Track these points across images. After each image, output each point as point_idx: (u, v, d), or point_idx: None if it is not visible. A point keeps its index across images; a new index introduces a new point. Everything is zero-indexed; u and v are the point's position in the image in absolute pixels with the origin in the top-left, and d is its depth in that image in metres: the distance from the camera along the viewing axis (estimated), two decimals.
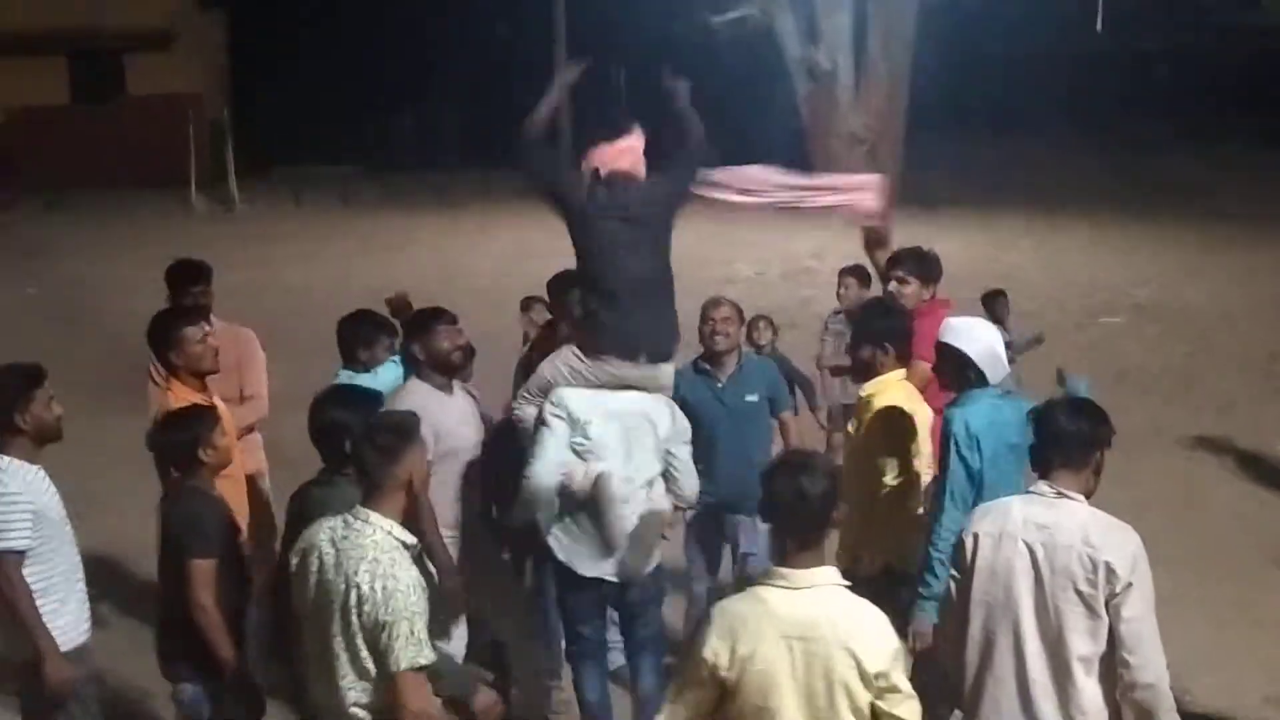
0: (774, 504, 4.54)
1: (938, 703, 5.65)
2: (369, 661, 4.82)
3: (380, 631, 4.73)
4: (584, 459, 6.38)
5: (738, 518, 7.28)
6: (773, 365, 8.42)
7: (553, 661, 7.23)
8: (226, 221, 21.84)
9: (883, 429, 6.25)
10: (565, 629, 6.83)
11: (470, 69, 26.43)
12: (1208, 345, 14.64)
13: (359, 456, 5.02)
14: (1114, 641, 4.70)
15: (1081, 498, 4.80)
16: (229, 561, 5.74)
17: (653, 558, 6.64)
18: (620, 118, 6.91)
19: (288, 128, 25.29)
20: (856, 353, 6.57)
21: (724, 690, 4.46)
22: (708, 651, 4.44)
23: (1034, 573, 4.80)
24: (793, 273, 16.66)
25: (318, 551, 4.87)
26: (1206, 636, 7.86)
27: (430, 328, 6.71)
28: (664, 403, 6.52)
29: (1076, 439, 4.86)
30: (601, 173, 6.63)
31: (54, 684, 5.47)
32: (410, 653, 4.74)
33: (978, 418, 5.81)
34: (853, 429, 6.65)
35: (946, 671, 5.28)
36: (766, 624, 4.43)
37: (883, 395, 6.34)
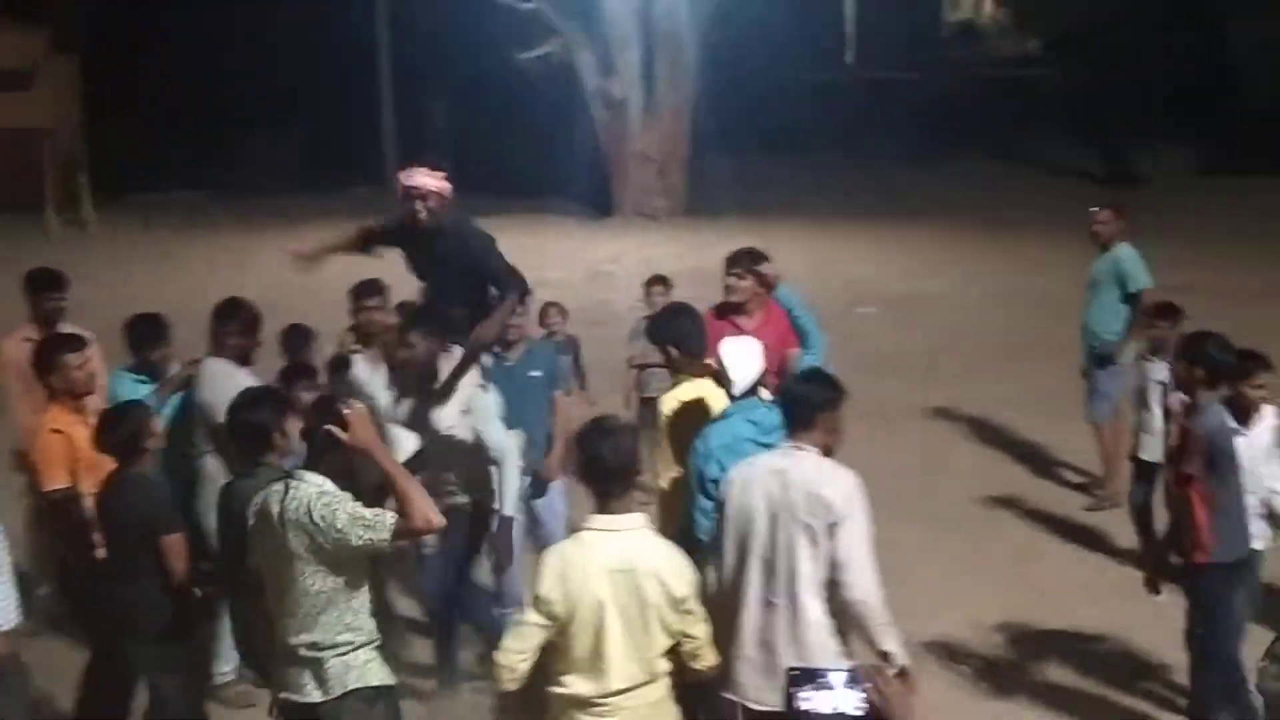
0: (587, 462, 4.72)
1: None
2: (336, 593, 4.75)
3: (342, 540, 4.63)
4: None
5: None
6: (553, 348, 8.57)
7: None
8: (80, 243, 21.21)
9: (669, 421, 6.24)
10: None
11: (306, 100, 25.97)
12: (947, 331, 14.81)
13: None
14: (832, 565, 4.85)
15: (812, 449, 4.98)
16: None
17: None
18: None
19: (139, 157, 24.60)
20: (660, 353, 6.64)
21: (558, 621, 4.60)
22: (543, 589, 4.60)
23: (770, 508, 4.94)
24: (593, 276, 16.79)
25: (271, 515, 4.75)
26: (949, 577, 8.15)
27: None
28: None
29: (804, 402, 5.07)
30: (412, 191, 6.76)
31: None
32: (370, 534, 4.64)
33: (715, 437, 5.76)
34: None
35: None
36: (592, 561, 4.59)
37: (672, 391, 6.39)
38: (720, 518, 5.19)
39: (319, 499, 4.66)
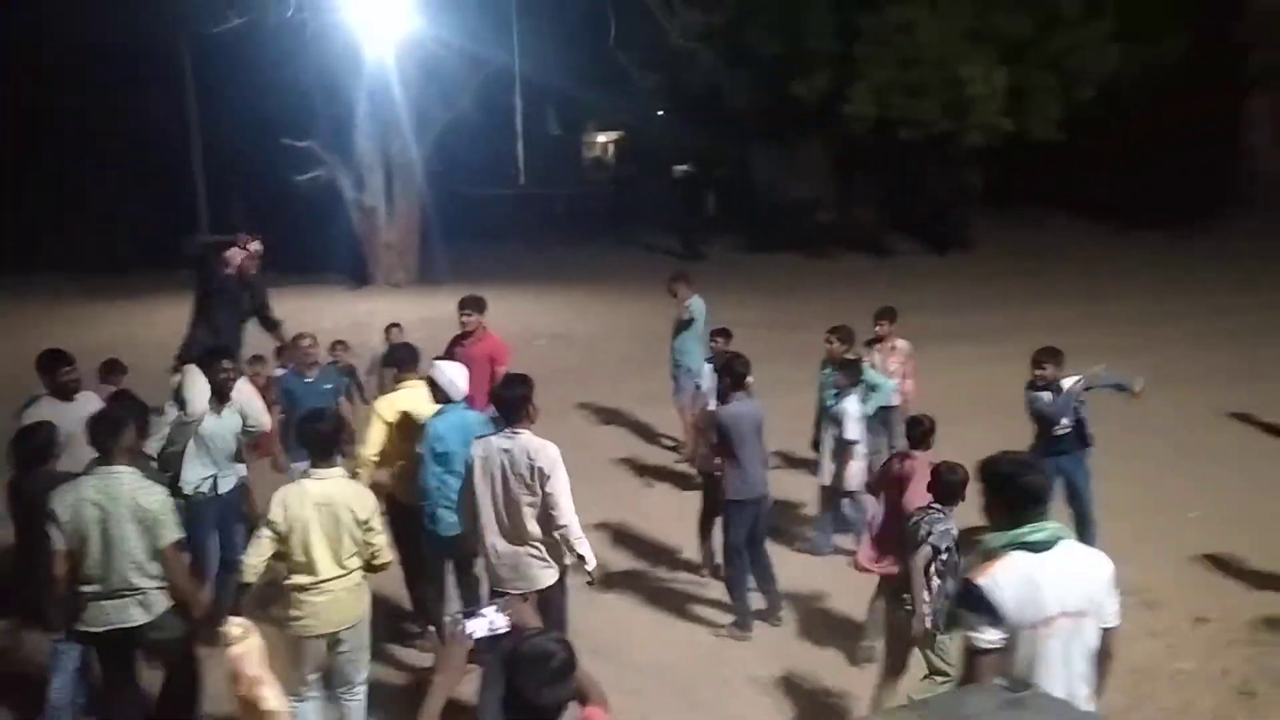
0: (307, 436, 4.84)
1: None
2: (146, 562, 4.54)
3: (155, 521, 4.53)
4: None
5: None
6: (337, 371, 8.49)
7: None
8: None
9: (383, 412, 6.13)
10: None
11: (140, 206, 24.18)
12: (591, 354, 14.98)
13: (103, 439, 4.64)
14: (545, 503, 4.94)
15: (525, 430, 5.03)
16: None
17: None
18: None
19: (11, 250, 22.05)
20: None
21: (281, 536, 4.64)
22: (273, 515, 4.65)
23: (503, 471, 4.96)
24: (356, 325, 16.31)
25: (91, 502, 4.47)
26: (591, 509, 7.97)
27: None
28: None
29: (513, 400, 5.08)
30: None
31: None
32: (172, 533, 4.59)
33: (442, 424, 5.73)
34: None
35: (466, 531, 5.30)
36: (306, 497, 4.66)
37: (390, 394, 6.35)
38: (466, 477, 5.13)
39: (137, 490, 4.57)
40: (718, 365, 7.20)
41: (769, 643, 6.35)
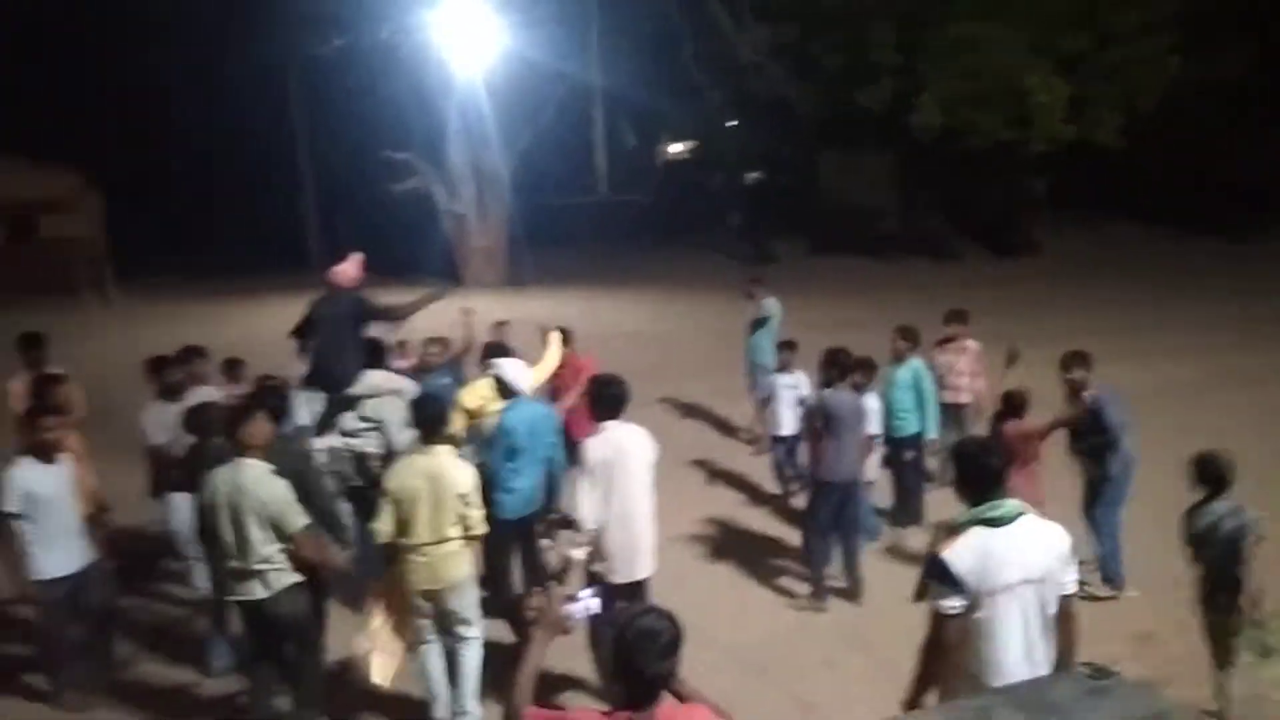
0: (417, 417, 5.07)
1: None
2: (272, 535, 4.62)
3: (279, 513, 4.60)
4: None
5: None
6: (449, 366, 7.99)
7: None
8: (107, 313, 20.02)
9: (466, 401, 6.34)
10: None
11: (254, 216, 25.09)
12: (667, 351, 14.90)
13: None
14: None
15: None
16: None
17: None
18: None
19: (147, 256, 23.43)
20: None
21: (397, 503, 4.82)
22: (390, 485, 4.87)
23: (634, 462, 4.91)
24: (452, 324, 16.52)
25: (222, 491, 4.61)
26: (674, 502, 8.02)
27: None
28: None
29: (619, 398, 4.99)
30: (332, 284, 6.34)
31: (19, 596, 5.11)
32: (297, 520, 4.65)
33: (514, 415, 5.78)
34: None
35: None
36: (416, 469, 4.85)
37: (476, 387, 6.38)
38: (584, 473, 4.90)
39: (260, 481, 4.63)
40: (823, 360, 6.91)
41: (848, 627, 6.28)
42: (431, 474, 4.84)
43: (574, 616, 2.88)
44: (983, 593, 3.24)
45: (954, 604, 3.26)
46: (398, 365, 8.22)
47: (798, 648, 6.05)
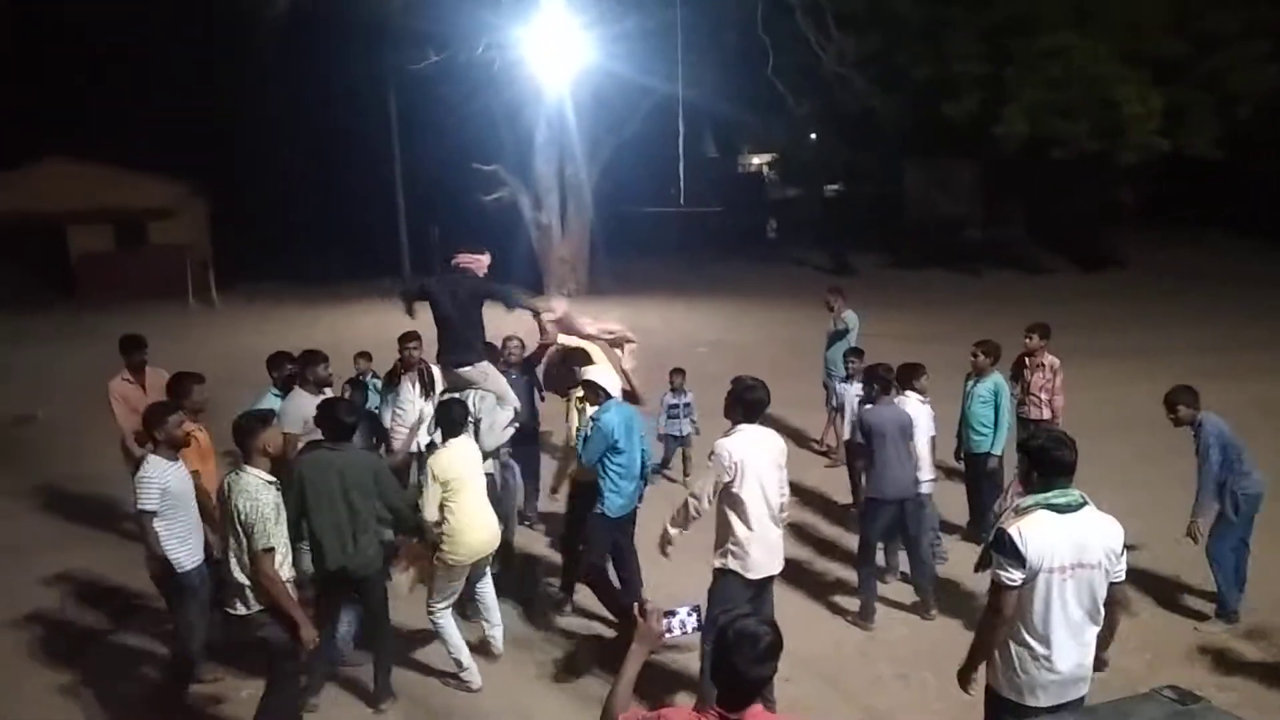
0: (439, 418, 5.68)
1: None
2: (245, 543, 4.45)
3: (250, 527, 4.41)
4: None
5: None
6: (524, 364, 7.84)
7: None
8: (210, 315, 20.85)
9: (576, 404, 6.58)
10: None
11: (348, 222, 25.84)
12: (744, 360, 14.78)
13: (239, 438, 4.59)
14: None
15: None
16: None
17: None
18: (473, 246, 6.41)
19: (247, 262, 24.32)
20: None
21: (446, 486, 5.36)
22: (438, 470, 5.39)
23: (770, 461, 5.01)
24: (532, 330, 16.76)
25: (225, 488, 4.55)
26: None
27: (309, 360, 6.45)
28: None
29: (762, 402, 5.08)
30: (453, 263, 6.22)
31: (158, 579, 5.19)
32: (261, 540, 4.40)
33: (614, 416, 5.82)
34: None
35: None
36: (466, 455, 5.50)
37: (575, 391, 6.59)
38: (734, 476, 4.91)
39: (246, 493, 4.47)
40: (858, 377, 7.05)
41: (923, 642, 6.14)
42: (470, 460, 5.47)
43: (671, 632, 2.86)
44: (1041, 570, 3.46)
45: (1014, 576, 3.47)
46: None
47: (870, 660, 5.94)
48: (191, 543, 5.19)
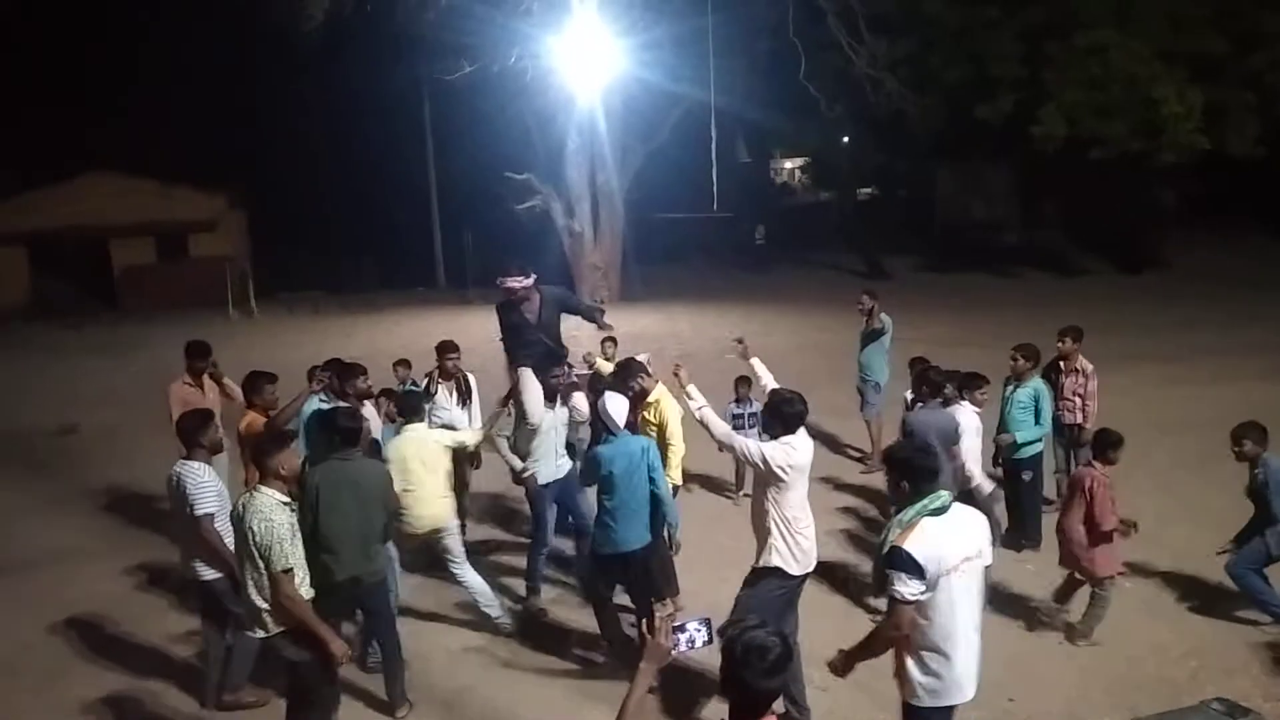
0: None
1: None
2: (262, 566, 4.30)
3: (265, 549, 4.27)
4: None
5: None
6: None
7: None
8: (250, 325, 21.13)
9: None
10: None
11: (385, 233, 26.10)
12: (775, 366, 14.84)
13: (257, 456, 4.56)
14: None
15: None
16: None
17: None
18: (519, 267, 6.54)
19: (285, 271, 24.66)
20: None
21: (400, 466, 5.83)
22: (389, 451, 6.01)
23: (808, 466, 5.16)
24: (567, 338, 16.84)
25: (239, 509, 4.40)
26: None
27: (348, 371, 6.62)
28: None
29: (799, 416, 5.23)
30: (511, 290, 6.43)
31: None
32: (280, 561, 4.26)
33: (609, 450, 5.61)
34: None
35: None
36: (418, 440, 6.04)
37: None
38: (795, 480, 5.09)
39: (260, 513, 4.34)
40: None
41: None
42: (421, 444, 6.08)
43: (680, 647, 2.83)
44: (940, 574, 3.58)
45: (915, 589, 3.54)
46: None
47: None
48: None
